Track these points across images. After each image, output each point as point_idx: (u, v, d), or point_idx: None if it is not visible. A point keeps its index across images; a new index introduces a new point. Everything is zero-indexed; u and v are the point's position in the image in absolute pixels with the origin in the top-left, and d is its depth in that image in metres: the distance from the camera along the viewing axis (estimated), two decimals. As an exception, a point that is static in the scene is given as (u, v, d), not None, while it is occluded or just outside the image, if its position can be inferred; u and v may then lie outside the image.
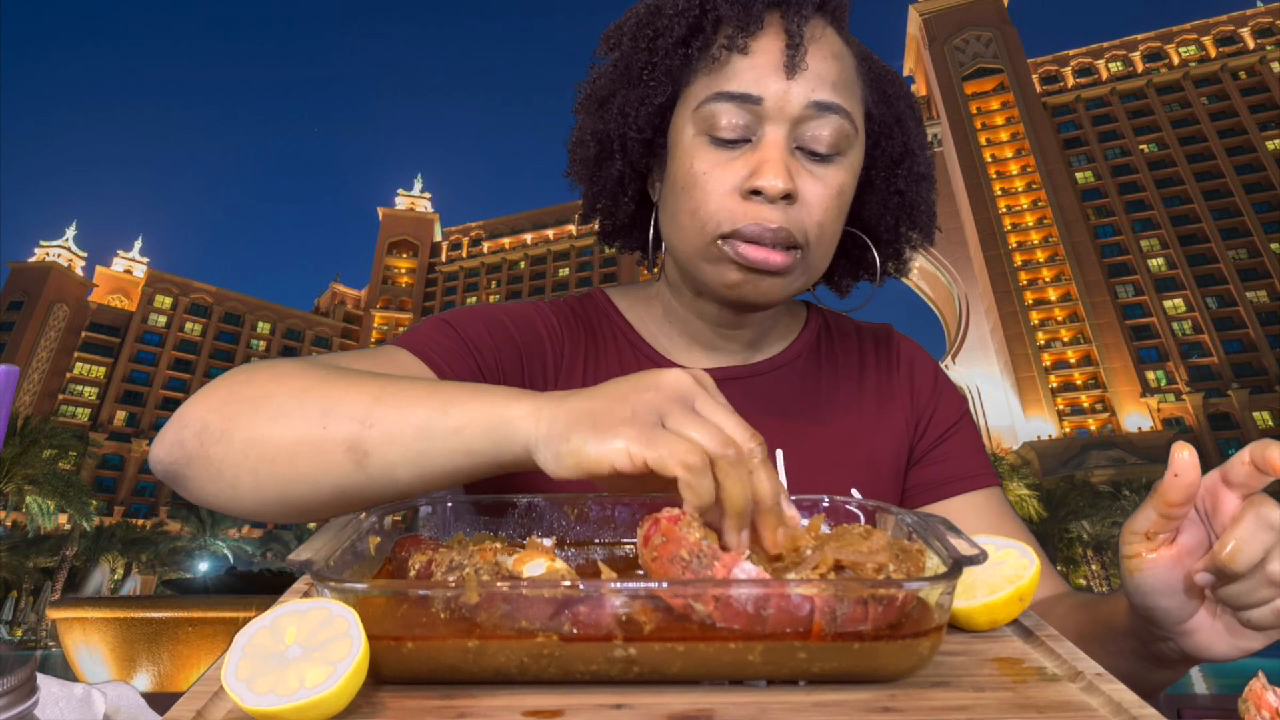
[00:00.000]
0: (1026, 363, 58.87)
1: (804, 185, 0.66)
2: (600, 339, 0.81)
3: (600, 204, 0.81)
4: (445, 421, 0.46)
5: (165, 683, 4.16)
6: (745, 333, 0.80)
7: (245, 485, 0.50)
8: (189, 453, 0.50)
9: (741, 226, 0.66)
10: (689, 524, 0.39)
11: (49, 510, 29.70)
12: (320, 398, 0.49)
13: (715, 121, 0.67)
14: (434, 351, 0.68)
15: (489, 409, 0.46)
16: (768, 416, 0.78)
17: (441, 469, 0.47)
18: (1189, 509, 0.46)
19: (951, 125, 68.95)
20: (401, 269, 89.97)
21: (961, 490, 0.78)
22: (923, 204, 0.78)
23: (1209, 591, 0.47)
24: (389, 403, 0.48)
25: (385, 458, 0.47)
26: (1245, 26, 68.40)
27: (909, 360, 0.85)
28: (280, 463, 0.48)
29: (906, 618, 0.34)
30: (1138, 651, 0.54)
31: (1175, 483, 0.44)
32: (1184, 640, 0.50)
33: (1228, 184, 60.55)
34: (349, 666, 0.32)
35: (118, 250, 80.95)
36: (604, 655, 0.34)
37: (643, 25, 0.72)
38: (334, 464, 0.48)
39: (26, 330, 69.70)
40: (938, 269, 68.71)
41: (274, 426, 0.49)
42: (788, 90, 0.66)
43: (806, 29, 0.67)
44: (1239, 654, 0.49)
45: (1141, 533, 0.47)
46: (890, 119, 0.75)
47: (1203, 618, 0.49)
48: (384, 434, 0.47)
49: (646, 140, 0.75)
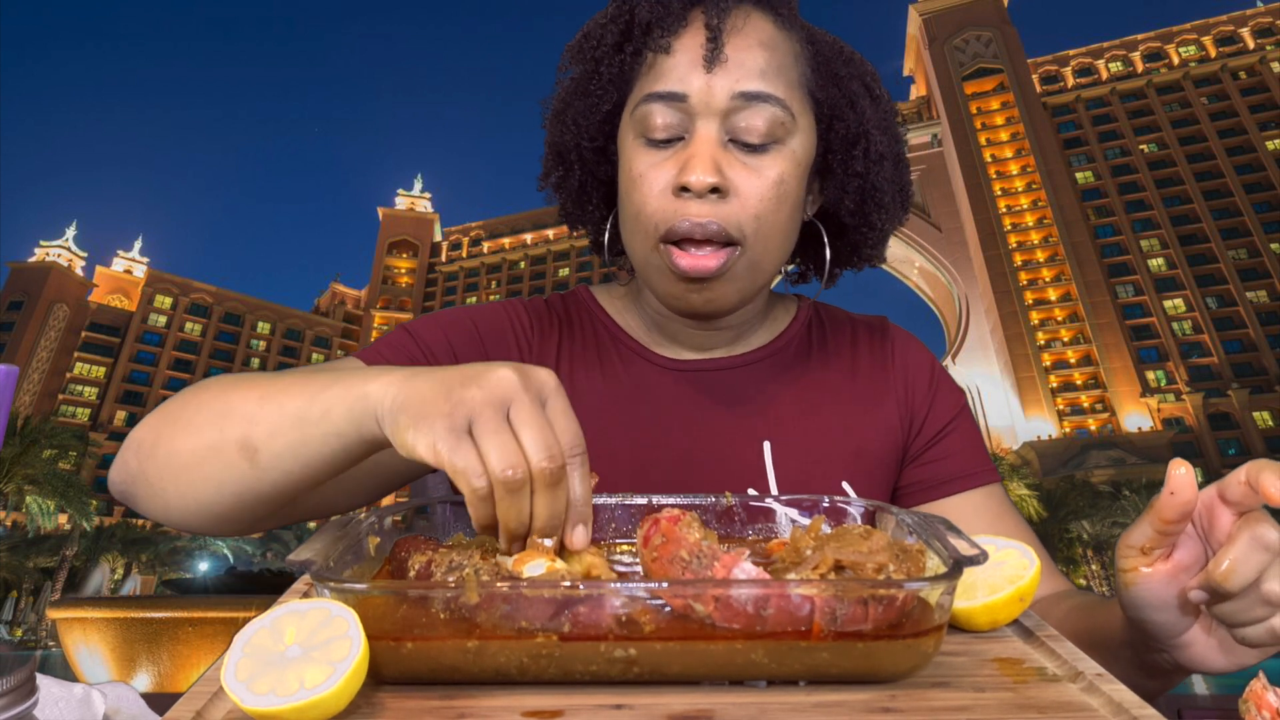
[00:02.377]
0: (1026, 363, 58.83)
1: (736, 177, 0.66)
2: (579, 332, 0.81)
3: (573, 214, 0.82)
4: (315, 407, 0.47)
5: (165, 683, 4.16)
6: (722, 334, 0.79)
7: (171, 496, 0.53)
8: (132, 472, 0.55)
9: (674, 224, 0.65)
10: (689, 524, 0.38)
11: (49, 510, 29.69)
12: (222, 404, 0.52)
13: (648, 123, 0.67)
14: (383, 357, 0.69)
15: (351, 388, 0.46)
16: (753, 409, 0.77)
17: (319, 455, 0.48)
18: (1185, 525, 0.46)
19: (951, 125, 68.91)
20: (401, 269, 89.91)
21: (961, 488, 0.77)
22: (887, 185, 0.75)
23: (1204, 607, 0.47)
24: (272, 398, 0.50)
25: (272, 450, 0.49)
26: (1245, 26, 68.36)
27: (904, 353, 0.83)
28: (192, 470, 0.51)
29: (907, 618, 0.34)
30: (1133, 661, 0.54)
31: (1171, 501, 0.44)
32: (1178, 653, 0.50)
33: (1228, 184, 60.51)
34: (349, 667, 0.32)
35: (118, 250, 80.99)
36: (604, 655, 0.34)
37: (588, 37, 0.73)
38: (232, 464, 0.50)
39: (26, 330, 69.67)
40: (938, 269, 68.66)
41: (186, 437, 0.52)
42: (710, 84, 0.65)
43: (729, 20, 0.67)
44: (1234, 668, 0.49)
45: (1137, 547, 0.47)
46: (841, 100, 0.72)
47: (1197, 633, 0.49)
48: (268, 429, 0.49)
49: (600, 148, 0.75)
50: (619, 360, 0.79)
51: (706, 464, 0.74)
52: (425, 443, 0.40)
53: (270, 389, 0.51)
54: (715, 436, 0.75)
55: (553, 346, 0.79)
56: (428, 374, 0.44)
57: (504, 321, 0.79)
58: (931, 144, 71.15)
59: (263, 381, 0.53)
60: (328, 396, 0.47)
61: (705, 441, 0.75)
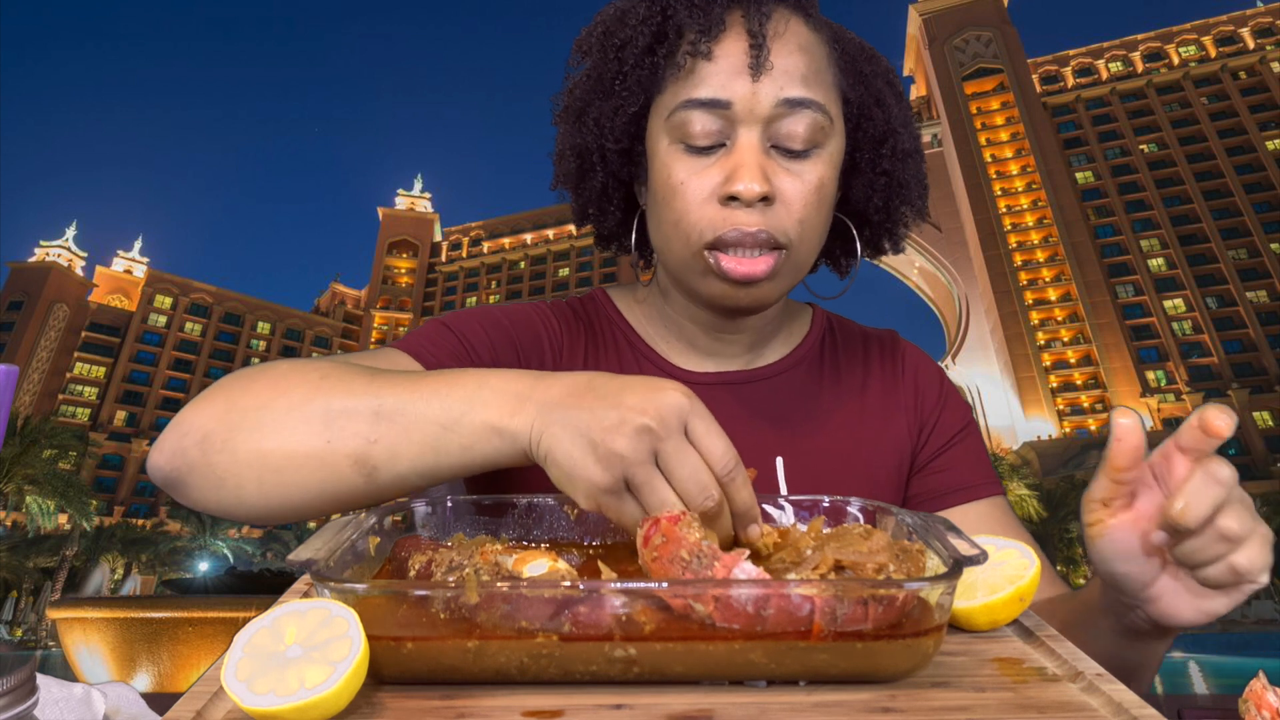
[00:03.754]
0: (1026, 363, 58.86)
1: (782, 184, 0.66)
2: (600, 339, 0.81)
3: (589, 212, 0.82)
4: (451, 440, 0.48)
5: (165, 683, 4.16)
6: (742, 336, 0.79)
7: (249, 493, 0.51)
8: (190, 461, 0.51)
9: (723, 233, 0.65)
10: (689, 524, 0.39)
11: (49, 510, 29.70)
12: (321, 409, 0.50)
13: (688, 129, 0.66)
14: (430, 354, 0.68)
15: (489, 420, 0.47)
16: (767, 423, 0.77)
17: (445, 473, 0.49)
18: (1138, 472, 0.47)
19: (951, 125, 68.93)
20: (401, 269, 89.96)
21: (965, 499, 0.77)
22: (912, 180, 0.76)
23: (1169, 554, 0.48)
24: (393, 418, 0.49)
25: (394, 470, 0.49)
26: (1245, 26, 68.39)
27: (914, 368, 0.84)
28: (286, 473, 0.49)
29: (907, 618, 0.34)
30: (1115, 629, 0.56)
31: (1120, 447, 0.46)
32: (1150, 607, 0.51)
33: (1228, 184, 60.54)
34: (349, 667, 0.32)
35: (118, 250, 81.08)
36: (604, 655, 0.34)
37: (609, 34, 0.71)
38: (343, 478, 0.49)
39: (26, 330, 69.70)
40: (938, 269, 68.69)
41: (278, 439, 0.50)
42: (755, 91, 0.65)
43: (769, 26, 0.66)
44: (1205, 617, 0.49)
45: (1098, 500, 0.49)
46: (869, 99, 0.73)
47: (1166, 582, 0.50)
48: (390, 451, 0.48)
49: (625, 149, 0.75)
50: (638, 370, 0.79)
51: None
52: (585, 498, 0.44)
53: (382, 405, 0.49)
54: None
55: (580, 353, 0.79)
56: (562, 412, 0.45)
57: (536, 325, 0.79)
58: (931, 144, 71.18)
59: (358, 382, 0.51)
60: (467, 429, 0.48)
61: None
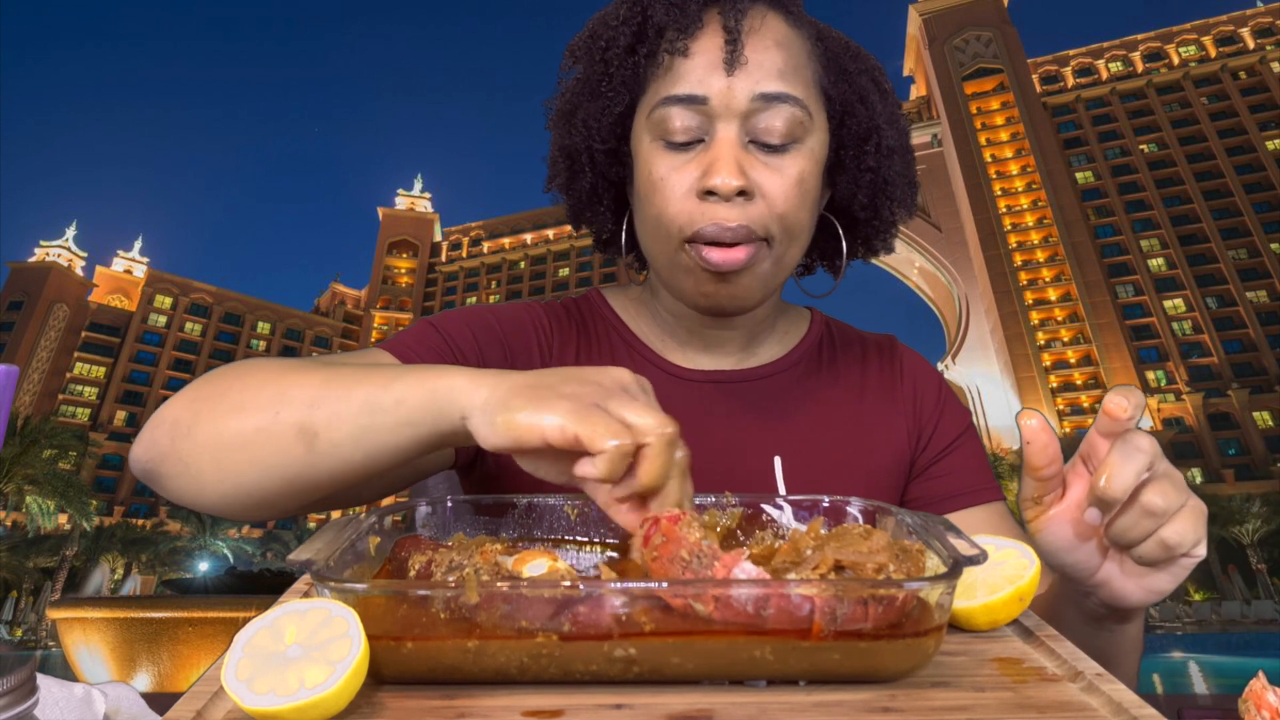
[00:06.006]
0: (1026, 363, 58.84)
1: (760, 179, 0.66)
2: (594, 338, 0.81)
3: (583, 215, 0.82)
4: (386, 395, 0.47)
5: (165, 683, 4.16)
6: (734, 335, 0.79)
7: (208, 478, 0.51)
8: (162, 450, 0.52)
9: (701, 227, 0.66)
10: (689, 524, 0.39)
11: (49, 510, 29.71)
12: (274, 387, 0.51)
13: (667, 126, 0.67)
14: (412, 352, 0.69)
15: (429, 380, 0.47)
16: (764, 422, 0.77)
17: (385, 444, 0.48)
18: (1056, 468, 0.49)
19: (951, 125, 68.92)
20: (401, 269, 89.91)
21: (964, 505, 0.78)
22: (898, 178, 0.76)
23: (1106, 537, 0.49)
24: (335, 385, 0.49)
25: (332, 437, 0.48)
26: (1245, 26, 68.38)
27: (913, 373, 0.84)
28: (237, 451, 0.50)
29: (907, 617, 0.34)
30: (1078, 617, 0.57)
31: (1032, 449, 0.48)
32: (1102, 592, 0.52)
33: (1228, 184, 60.52)
34: (349, 666, 0.32)
35: (118, 250, 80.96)
36: (604, 655, 0.34)
37: (595, 37, 0.73)
38: (286, 449, 0.49)
39: (26, 330, 69.67)
40: (938, 269, 68.69)
41: (232, 418, 0.50)
42: (730, 86, 0.66)
43: (745, 21, 0.67)
44: (1153, 597, 0.50)
45: (1030, 499, 0.51)
46: (852, 96, 0.73)
47: (1111, 568, 0.51)
48: (330, 414, 0.48)
49: (612, 150, 0.75)
50: (632, 367, 0.79)
51: (716, 476, 0.73)
52: (550, 421, 0.41)
53: (331, 375, 0.50)
54: (726, 448, 0.75)
55: (571, 351, 0.79)
56: (526, 374, 0.46)
57: (526, 324, 0.79)
58: (931, 144, 71.16)
59: (317, 367, 0.52)
60: (400, 386, 0.47)
61: (716, 453, 0.75)
